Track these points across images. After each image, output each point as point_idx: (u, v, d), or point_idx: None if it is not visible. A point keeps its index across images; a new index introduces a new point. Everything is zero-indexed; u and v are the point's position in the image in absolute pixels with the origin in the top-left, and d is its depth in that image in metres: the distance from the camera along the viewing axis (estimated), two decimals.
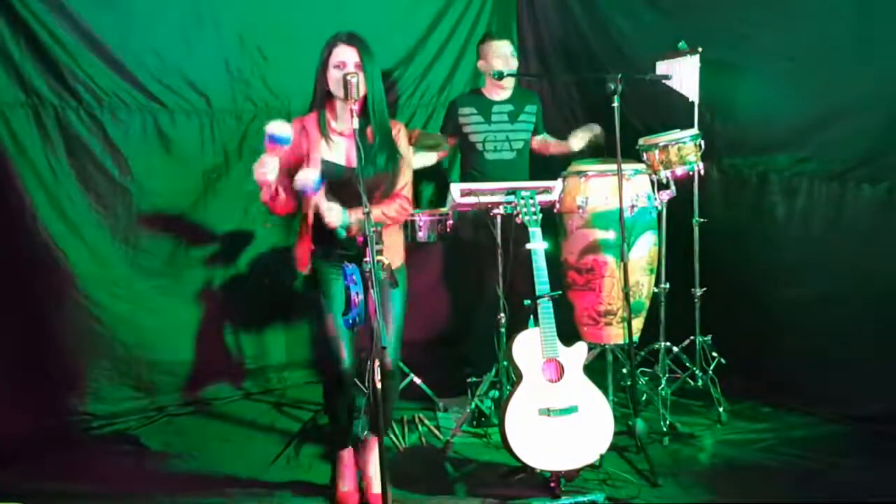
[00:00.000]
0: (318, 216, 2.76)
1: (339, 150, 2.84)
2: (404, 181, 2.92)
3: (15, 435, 3.44)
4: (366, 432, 3.08)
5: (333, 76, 2.76)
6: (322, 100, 2.85)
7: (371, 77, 2.76)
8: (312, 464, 3.30)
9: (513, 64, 3.90)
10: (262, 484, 3.13)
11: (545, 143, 4.13)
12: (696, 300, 3.78)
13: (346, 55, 2.75)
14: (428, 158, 4.02)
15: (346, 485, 2.96)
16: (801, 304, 3.68)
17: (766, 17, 3.68)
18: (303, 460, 3.36)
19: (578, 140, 4.00)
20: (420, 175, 4.34)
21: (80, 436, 3.60)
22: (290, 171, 2.72)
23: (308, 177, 2.61)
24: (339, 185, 2.75)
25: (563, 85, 4.80)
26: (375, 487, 2.94)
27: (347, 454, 3.00)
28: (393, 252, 2.88)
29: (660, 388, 3.61)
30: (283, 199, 2.76)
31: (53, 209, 3.63)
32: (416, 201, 4.40)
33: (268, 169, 2.60)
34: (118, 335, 3.77)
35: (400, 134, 2.91)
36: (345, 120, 2.82)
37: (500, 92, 3.98)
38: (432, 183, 4.64)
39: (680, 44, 3.70)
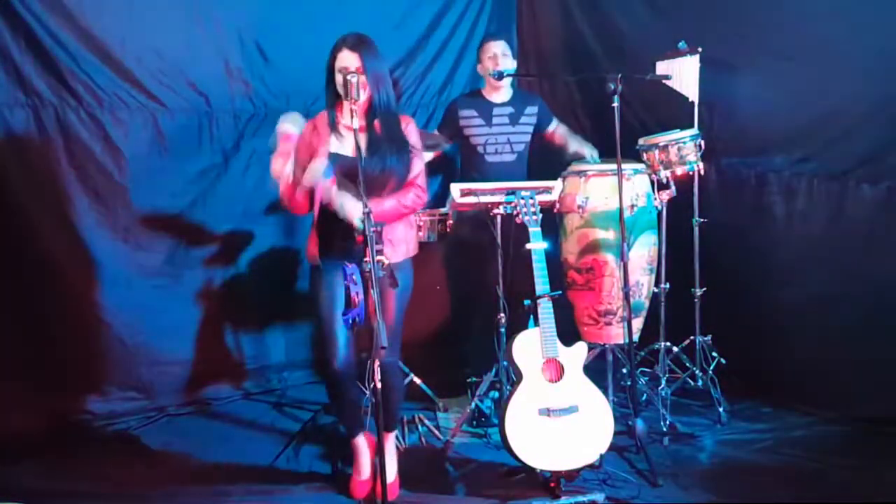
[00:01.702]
0: (322, 211, 2.80)
1: (349, 144, 2.86)
2: (417, 170, 2.95)
3: (15, 435, 3.44)
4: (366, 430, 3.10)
5: (339, 80, 2.82)
6: (333, 98, 2.91)
7: (375, 78, 2.82)
8: (312, 464, 3.30)
9: (505, 63, 3.86)
10: (262, 484, 3.13)
11: (556, 133, 4.09)
12: (696, 300, 3.78)
13: (348, 61, 2.80)
14: (426, 158, 4.02)
15: (361, 473, 3.03)
16: (801, 304, 3.69)
17: (766, 17, 3.68)
18: (303, 460, 3.36)
19: (578, 146, 4.02)
20: None
21: (80, 436, 3.60)
22: (306, 165, 2.81)
23: (316, 168, 2.70)
24: (349, 175, 2.76)
25: (563, 85, 4.80)
26: (388, 479, 2.95)
27: (360, 442, 3.05)
28: (404, 245, 2.95)
29: (660, 388, 3.61)
30: (300, 196, 2.83)
31: (53, 209, 3.63)
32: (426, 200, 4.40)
33: (283, 161, 2.72)
34: (118, 335, 3.77)
35: (409, 128, 2.95)
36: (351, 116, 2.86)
37: (500, 93, 3.96)
38: (434, 183, 4.63)
39: (680, 44, 3.70)
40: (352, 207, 2.70)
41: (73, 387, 3.71)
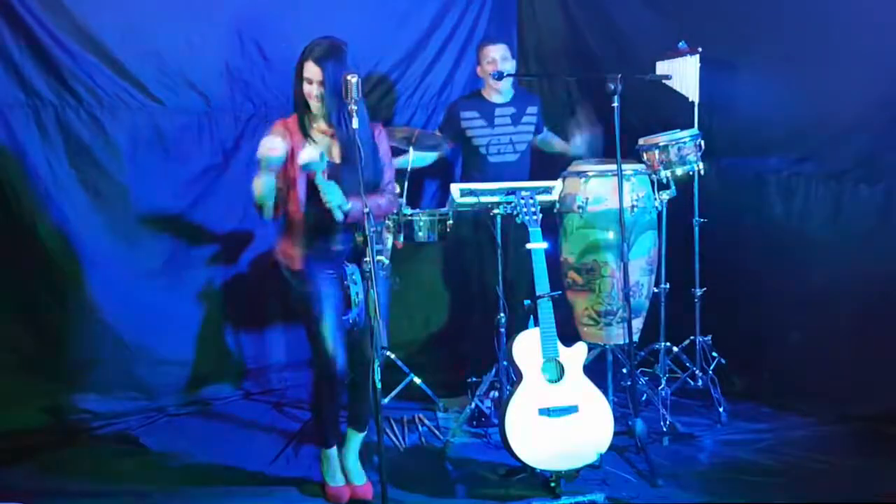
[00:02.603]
0: (309, 214, 2.79)
1: (321, 148, 2.85)
2: (389, 176, 2.98)
3: (15, 434, 3.44)
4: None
5: (306, 89, 2.84)
6: (302, 102, 2.89)
7: (335, 90, 2.77)
8: (312, 464, 3.29)
9: (505, 67, 3.84)
10: (262, 484, 3.13)
11: (548, 141, 4.15)
12: (696, 300, 3.78)
13: (311, 73, 2.82)
14: (427, 158, 4.03)
15: (336, 481, 3.01)
16: (800, 304, 3.68)
17: (766, 17, 3.68)
18: (302, 460, 3.36)
19: (579, 144, 4.04)
20: (421, 175, 4.34)
21: (80, 436, 3.60)
22: (280, 175, 2.81)
23: (313, 154, 2.67)
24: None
25: (563, 85, 4.80)
26: (356, 479, 3.00)
27: (334, 451, 3.04)
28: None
29: (660, 388, 3.61)
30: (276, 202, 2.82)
31: (53, 209, 3.63)
32: (417, 201, 4.40)
33: (263, 183, 2.68)
34: (118, 335, 3.76)
35: (380, 136, 2.97)
36: (320, 121, 2.89)
37: (501, 94, 3.96)
38: (434, 183, 4.63)
39: (680, 44, 3.71)
40: (336, 193, 2.71)
41: (73, 387, 3.71)
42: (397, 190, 3.03)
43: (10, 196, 3.56)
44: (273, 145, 2.66)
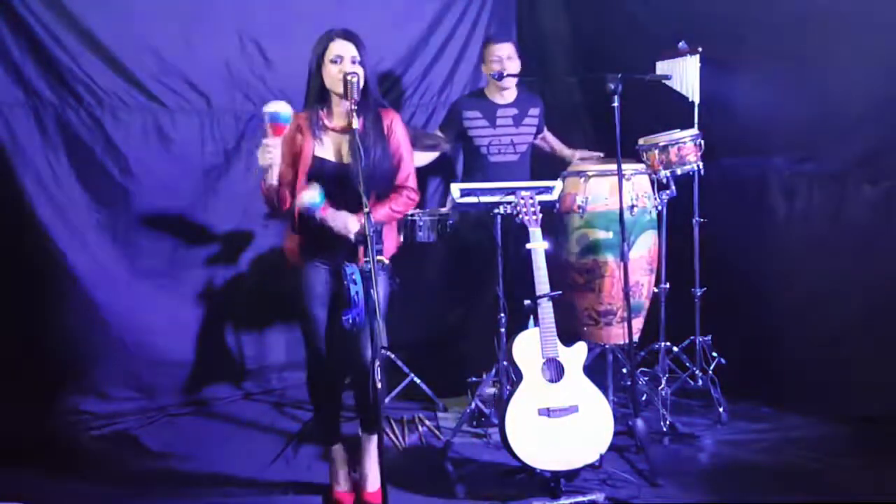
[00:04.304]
0: (303, 214, 2.76)
1: (330, 147, 2.81)
2: (407, 171, 2.89)
3: (15, 434, 3.44)
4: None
5: (331, 72, 2.74)
6: (316, 96, 2.82)
7: (368, 72, 2.77)
8: (312, 464, 3.30)
9: (511, 66, 3.84)
10: (262, 484, 3.13)
11: (547, 141, 4.15)
12: (696, 300, 3.78)
13: (343, 49, 2.74)
14: (426, 158, 4.03)
15: (341, 484, 2.97)
16: (801, 304, 3.69)
17: (765, 17, 3.68)
18: (302, 460, 3.36)
19: (578, 155, 4.06)
20: (421, 174, 4.34)
21: (80, 436, 3.60)
22: (290, 163, 2.76)
23: (311, 196, 2.63)
24: (332, 181, 2.73)
25: (564, 85, 4.80)
26: (370, 486, 2.94)
27: (338, 451, 3.00)
28: (387, 244, 2.89)
29: (660, 388, 3.61)
30: (284, 194, 2.76)
31: (53, 209, 3.63)
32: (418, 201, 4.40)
33: (273, 152, 2.60)
34: (118, 335, 3.77)
35: (394, 124, 2.87)
36: (338, 116, 2.83)
37: (504, 94, 3.95)
38: (434, 182, 4.63)
39: (680, 44, 3.71)
40: (347, 222, 2.66)
41: (73, 387, 3.71)
42: (415, 185, 2.93)
43: (10, 195, 3.56)
44: (281, 107, 2.56)
